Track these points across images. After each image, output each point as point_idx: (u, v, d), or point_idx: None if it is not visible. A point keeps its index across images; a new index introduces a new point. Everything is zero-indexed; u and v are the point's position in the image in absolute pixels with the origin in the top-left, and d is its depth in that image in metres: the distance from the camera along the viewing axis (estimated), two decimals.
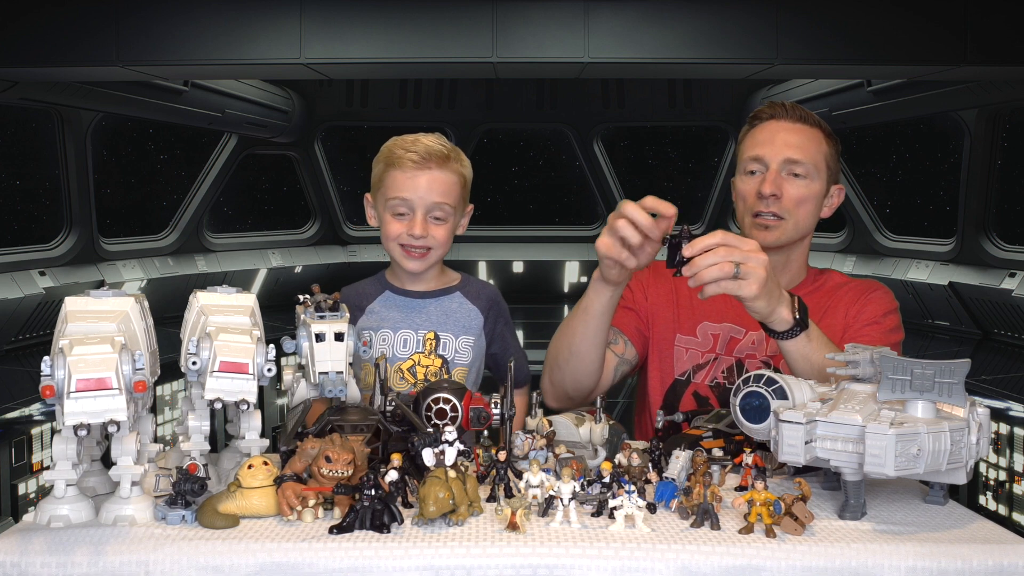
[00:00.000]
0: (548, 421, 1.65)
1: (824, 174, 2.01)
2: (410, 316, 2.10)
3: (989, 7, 4.19)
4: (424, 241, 2.05)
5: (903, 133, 7.03)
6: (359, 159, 8.01)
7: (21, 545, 1.19)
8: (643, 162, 8.63)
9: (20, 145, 6.06)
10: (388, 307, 2.12)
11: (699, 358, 2.05)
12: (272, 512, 1.28)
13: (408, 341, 2.08)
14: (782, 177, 1.97)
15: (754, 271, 1.59)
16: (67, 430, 1.21)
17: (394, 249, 2.08)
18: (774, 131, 2.01)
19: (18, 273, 5.17)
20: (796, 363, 1.71)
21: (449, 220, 2.08)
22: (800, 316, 1.69)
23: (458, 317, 2.12)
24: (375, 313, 2.11)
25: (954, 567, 1.20)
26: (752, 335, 2.02)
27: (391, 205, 2.05)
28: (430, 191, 2.03)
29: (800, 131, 2.00)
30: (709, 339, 2.05)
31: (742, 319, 2.02)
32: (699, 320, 2.06)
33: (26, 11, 4.20)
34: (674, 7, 4.35)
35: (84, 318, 1.30)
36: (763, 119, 2.04)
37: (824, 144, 2.02)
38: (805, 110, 2.04)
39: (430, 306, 2.12)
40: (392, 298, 2.14)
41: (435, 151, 2.04)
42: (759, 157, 1.99)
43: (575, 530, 1.25)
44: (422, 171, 2.03)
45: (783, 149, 1.97)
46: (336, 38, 4.33)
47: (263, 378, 1.33)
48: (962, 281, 5.74)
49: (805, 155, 1.97)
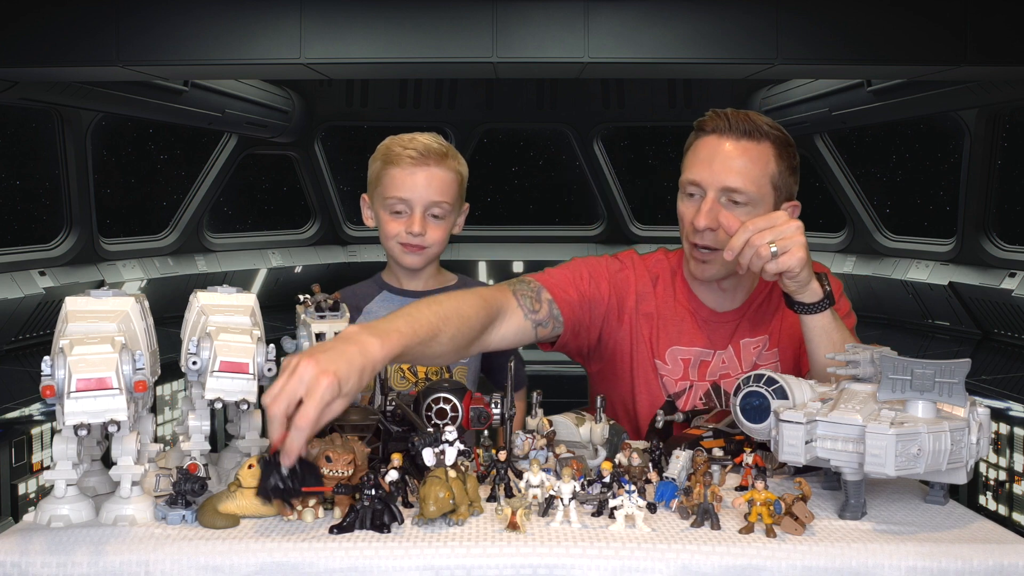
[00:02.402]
0: (548, 421, 1.65)
1: (771, 197, 1.79)
2: None
3: (989, 7, 4.19)
4: (422, 240, 2.04)
5: (903, 133, 7.03)
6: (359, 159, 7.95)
7: (21, 545, 1.19)
8: (643, 162, 8.63)
9: (20, 145, 6.06)
10: (386, 307, 2.12)
11: (674, 386, 1.93)
12: (272, 512, 1.28)
13: None
14: (719, 205, 1.77)
15: (791, 240, 1.57)
16: (67, 430, 1.21)
17: (393, 247, 2.08)
18: (714, 150, 1.78)
19: (18, 273, 5.18)
20: (818, 339, 1.68)
21: (447, 218, 2.08)
22: (828, 288, 1.67)
23: None
24: (372, 313, 2.11)
25: (954, 567, 1.20)
26: (721, 355, 1.94)
27: (389, 203, 2.05)
28: (428, 189, 2.03)
29: (744, 150, 1.76)
30: (679, 364, 1.93)
31: (710, 340, 1.94)
32: (668, 344, 1.94)
33: (26, 11, 4.20)
34: (674, 7, 4.35)
35: (84, 318, 1.30)
36: (706, 131, 1.81)
37: (773, 162, 1.79)
38: (755, 119, 1.79)
39: None
40: (389, 298, 2.14)
41: (433, 149, 2.04)
42: (695, 182, 1.80)
43: (575, 530, 1.25)
44: (420, 168, 2.02)
45: (722, 175, 1.75)
46: (336, 38, 4.34)
47: (263, 378, 1.33)
48: (962, 281, 5.75)
49: (746, 182, 1.75)
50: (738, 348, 1.95)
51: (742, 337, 1.96)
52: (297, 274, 7.55)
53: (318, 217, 7.97)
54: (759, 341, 1.96)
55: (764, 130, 1.79)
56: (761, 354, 1.95)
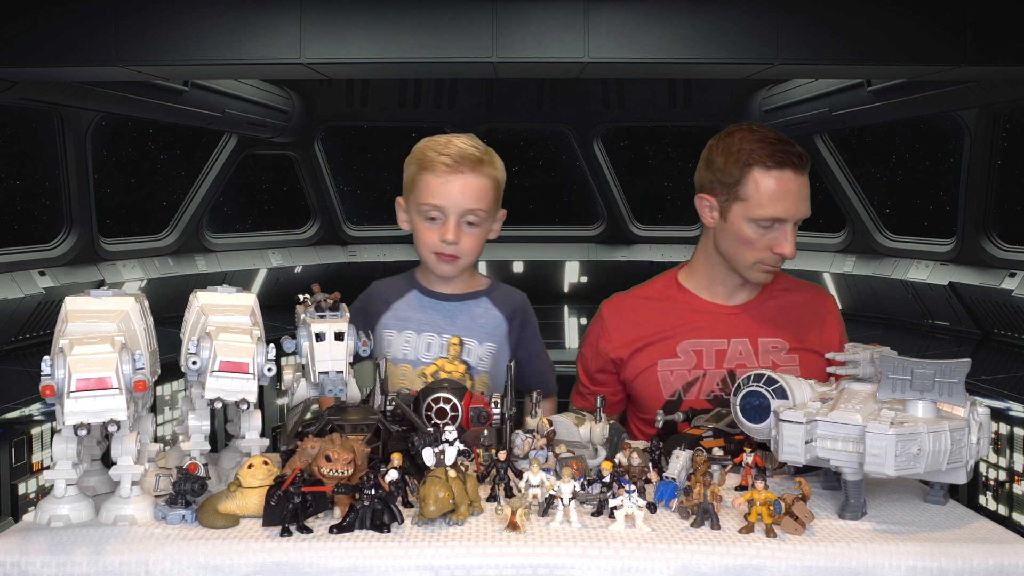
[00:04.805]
0: (548, 421, 1.65)
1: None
2: (435, 319, 2.05)
3: (989, 7, 4.19)
4: (456, 249, 1.99)
5: (903, 133, 7.02)
6: (359, 159, 8.00)
7: (21, 545, 1.19)
8: (643, 162, 8.63)
9: (20, 145, 6.06)
10: (413, 307, 2.07)
11: (687, 376, 2.02)
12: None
13: (432, 345, 2.03)
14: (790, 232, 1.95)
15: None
16: (67, 430, 1.21)
17: (427, 256, 2.03)
18: (797, 186, 1.93)
19: (18, 273, 5.17)
20: None
21: (482, 225, 2.03)
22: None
23: (483, 323, 2.07)
24: (399, 312, 2.07)
25: (954, 567, 1.20)
26: (737, 344, 2.02)
27: (423, 210, 1.99)
28: (463, 197, 1.97)
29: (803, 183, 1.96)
30: (692, 356, 2.03)
31: (719, 330, 2.03)
32: (677, 340, 2.04)
33: (26, 11, 4.20)
34: (674, 7, 4.35)
35: (84, 318, 1.30)
36: (784, 166, 1.92)
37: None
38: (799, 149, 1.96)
39: (456, 310, 2.07)
40: (419, 298, 2.09)
41: (468, 154, 1.98)
42: (780, 218, 1.93)
43: (575, 530, 1.25)
44: (455, 176, 1.96)
45: (801, 208, 1.94)
46: (336, 38, 4.33)
47: (263, 378, 1.33)
48: (962, 281, 5.74)
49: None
50: (756, 344, 2.02)
51: (760, 334, 2.03)
52: (297, 274, 7.55)
53: (318, 217, 7.96)
54: (778, 343, 2.03)
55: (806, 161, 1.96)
56: (780, 356, 2.02)
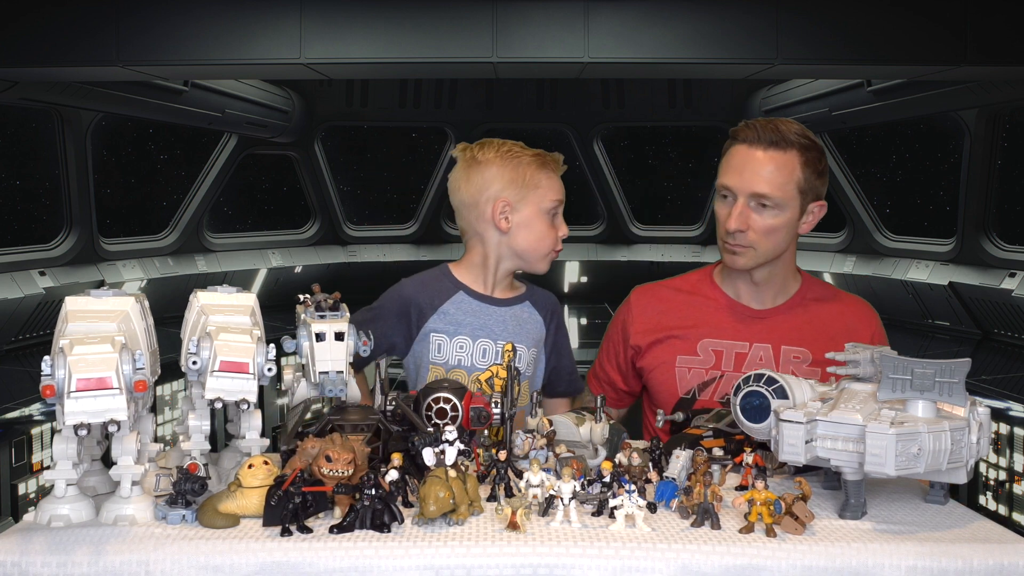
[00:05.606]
0: (548, 421, 1.65)
1: (796, 201, 1.93)
2: (488, 324, 2.00)
3: (989, 7, 4.19)
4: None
5: (903, 133, 7.03)
6: (359, 159, 8.00)
7: (21, 545, 1.19)
8: (643, 162, 8.64)
9: (20, 145, 6.06)
10: (463, 311, 2.00)
11: (703, 375, 2.01)
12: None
13: (487, 351, 1.98)
14: (749, 209, 1.92)
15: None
16: (67, 430, 1.20)
17: (543, 250, 2.02)
18: (744, 159, 1.93)
19: (18, 273, 5.18)
20: None
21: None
22: None
23: (528, 327, 2.04)
24: (448, 315, 1.99)
25: (954, 567, 1.20)
26: (758, 349, 2.00)
27: (546, 207, 2.02)
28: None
29: (771, 159, 1.90)
30: (711, 356, 2.01)
31: (742, 332, 2.01)
32: (699, 338, 2.03)
33: (26, 11, 4.20)
34: (674, 7, 4.35)
35: (84, 318, 1.30)
36: (738, 140, 1.97)
37: (799, 170, 1.91)
38: (782, 129, 1.93)
39: (505, 314, 2.02)
40: (468, 301, 2.01)
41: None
42: (727, 187, 1.95)
43: (575, 530, 1.25)
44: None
45: (751, 182, 1.90)
46: (336, 38, 4.33)
47: (263, 378, 1.33)
48: (962, 281, 5.75)
49: (773, 188, 1.89)
50: (778, 351, 1.99)
51: (784, 342, 2.00)
52: (297, 274, 7.56)
53: (318, 217, 7.97)
54: (800, 353, 1.99)
55: (791, 139, 1.92)
56: (802, 368, 1.97)
